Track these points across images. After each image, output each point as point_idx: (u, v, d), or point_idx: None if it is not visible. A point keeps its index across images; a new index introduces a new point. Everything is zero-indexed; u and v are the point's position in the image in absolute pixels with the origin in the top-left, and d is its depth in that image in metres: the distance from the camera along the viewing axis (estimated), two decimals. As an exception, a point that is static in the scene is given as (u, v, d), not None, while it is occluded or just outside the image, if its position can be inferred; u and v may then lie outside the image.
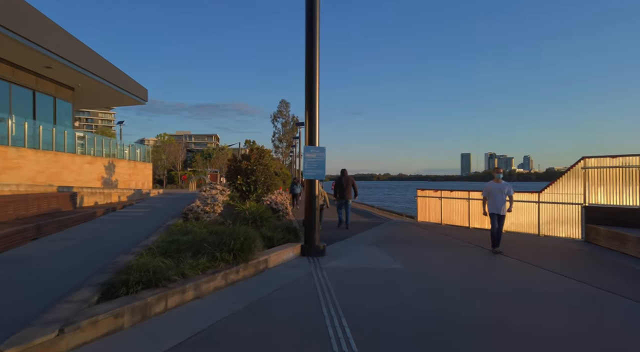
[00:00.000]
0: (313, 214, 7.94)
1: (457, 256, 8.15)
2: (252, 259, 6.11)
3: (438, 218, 14.24)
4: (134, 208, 13.62)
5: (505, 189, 8.88)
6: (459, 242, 9.87)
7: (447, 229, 12.62)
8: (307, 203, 8.02)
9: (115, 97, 26.59)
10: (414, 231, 12.34)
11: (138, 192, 19.09)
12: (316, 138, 7.98)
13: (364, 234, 11.25)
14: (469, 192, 13.25)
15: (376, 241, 9.94)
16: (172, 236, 7.34)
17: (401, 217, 17.41)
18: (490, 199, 8.91)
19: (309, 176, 7.93)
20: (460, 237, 10.80)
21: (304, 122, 29.13)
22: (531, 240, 10.40)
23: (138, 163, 28.34)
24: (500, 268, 7.02)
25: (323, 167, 8.00)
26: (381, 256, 7.94)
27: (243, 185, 11.67)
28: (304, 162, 7.93)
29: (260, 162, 12.18)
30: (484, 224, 12.63)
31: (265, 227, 9.98)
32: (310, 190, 7.98)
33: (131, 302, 3.91)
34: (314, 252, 7.82)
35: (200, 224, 9.00)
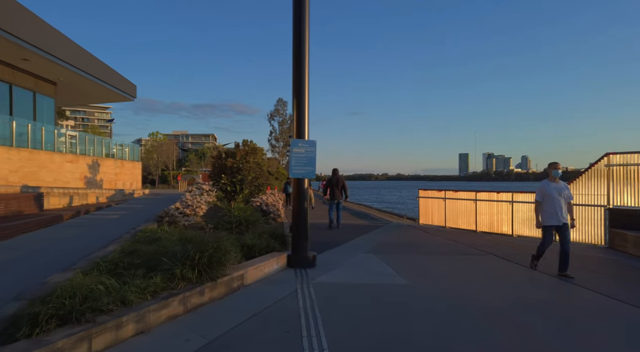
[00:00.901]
0: (302, 219, 6.80)
1: (470, 266, 7.02)
2: (224, 275, 4.97)
3: (442, 221, 13.13)
4: (109, 210, 12.46)
5: (565, 191, 6.66)
6: (468, 249, 8.75)
7: (453, 233, 11.50)
8: (294, 206, 6.88)
9: (101, 92, 25.39)
10: (417, 235, 11.22)
11: (120, 192, 17.92)
12: (305, 130, 6.85)
13: (361, 239, 10.12)
14: (476, 192, 12.14)
15: (375, 248, 8.82)
16: (134, 245, 6.20)
17: (401, 220, 16.29)
18: (547, 204, 6.65)
19: (297, 173, 6.79)
20: (469, 242, 9.67)
21: None
22: (548, 246, 9.29)
23: (126, 162, 27.15)
24: (521, 283, 5.90)
25: (313, 164, 6.87)
26: (381, 267, 6.81)
27: (228, 184, 10.54)
28: (290, 158, 6.79)
29: (247, 159, 11.04)
30: (492, 227, 11.53)
31: (250, 233, 8.84)
32: (299, 190, 6.84)
33: (30, 350, 2.76)
34: (303, 263, 6.69)
35: (174, 230, 7.85)
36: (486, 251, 8.55)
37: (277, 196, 21.09)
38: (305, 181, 6.87)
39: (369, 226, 13.40)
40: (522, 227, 10.79)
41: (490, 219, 11.61)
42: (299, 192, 6.84)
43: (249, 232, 8.90)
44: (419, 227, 13.06)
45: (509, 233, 11.08)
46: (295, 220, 6.84)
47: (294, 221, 6.86)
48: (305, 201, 6.86)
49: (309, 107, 6.88)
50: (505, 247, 8.98)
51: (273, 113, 66.17)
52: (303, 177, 6.83)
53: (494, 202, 11.51)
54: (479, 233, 11.68)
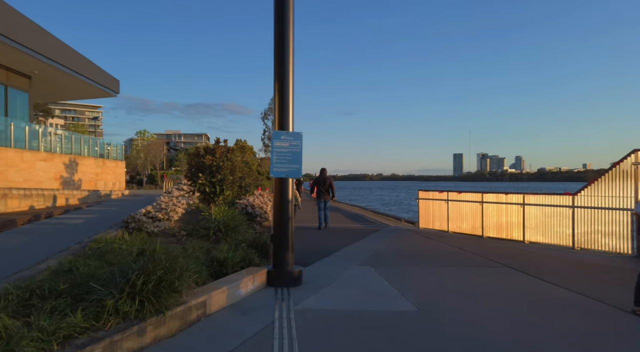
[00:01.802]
0: (284, 228, 5.64)
1: (488, 284, 5.90)
2: (177, 304, 3.79)
3: (444, 224, 12.02)
4: (76, 214, 11.20)
5: None
6: (479, 260, 7.63)
7: (457, 239, 10.40)
8: (275, 212, 5.71)
9: (81, 87, 24.03)
10: (418, 241, 10.10)
11: (95, 193, 16.63)
12: (289, 120, 5.68)
13: (356, 247, 8.97)
14: (482, 193, 11.05)
15: (372, 258, 7.68)
16: (77, 260, 5.00)
17: (399, 223, 15.18)
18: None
19: (279, 172, 5.63)
20: (477, 250, 8.56)
21: None
22: (565, 255, 8.21)
23: (108, 161, 25.79)
24: (554, 305, 4.78)
25: (298, 161, 5.71)
26: (381, 285, 5.67)
27: (206, 185, 9.35)
28: (272, 153, 5.63)
29: (228, 157, 9.85)
30: (500, 232, 10.44)
31: (228, 241, 7.67)
32: (281, 193, 5.67)
33: None
34: (286, 280, 5.53)
35: (135, 239, 6.65)
36: (499, 261, 7.43)
37: (265, 197, 19.89)
38: (289, 181, 5.71)
39: (365, 230, 12.27)
40: (535, 232, 9.70)
41: (498, 223, 10.52)
42: (281, 194, 5.67)
43: (228, 240, 7.74)
44: (419, 231, 11.95)
45: (519, 239, 10.00)
46: (277, 228, 5.68)
47: (275, 230, 5.69)
48: (289, 204, 5.69)
49: (293, 92, 5.73)
50: (520, 257, 7.88)
51: (267, 112, 64.68)
52: (287, 176, 5.66)
53: (502, 205, 10.42)
54: (485, 239, 10.59)
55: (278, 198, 5.69)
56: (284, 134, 5.65)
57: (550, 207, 9.37)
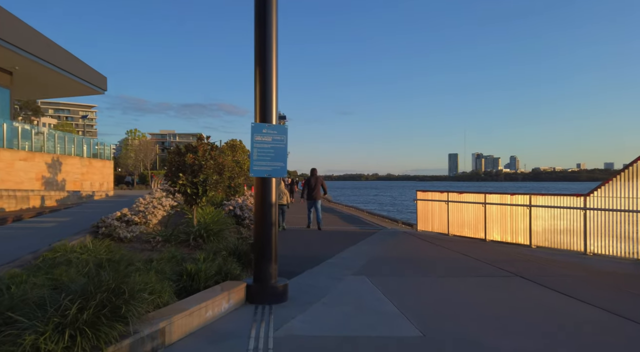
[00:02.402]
0: (267, 235, 4.88)
1: (501, 298, 5.18)
2: (123, 336, 3.03)
3: (444, 227, 11.32)
4: (49, 217, 10.39)
5: None
6: (485, 268, 6.91)
7: (459, 243, 9.69)
8: (256, 217, 4.95)
9: (66, 84, 23.13)
10: (417, 245, 9.38)
11: (76, 194, 15.78)
12: (272, 111, 4.93)
13: (351, 252, 8.24)
14: (485, 194, 10.35)
15: (368, 266, 6.94)
16: (22, 275, 4.23)
17: (396, 225, 14.47)
18: None
19: (260, 171, 4.87)
20: (482, 256, 7.85)
21: (281, 115, 25.41)
22: (579, 262, 7.52)
23: (95, 160, 24.88)
24: (588, 331, 4.06)
25: (283, 158, 4.96)
26: (378, 301, 4.93)
27: (187, 186, 8.56)
28: (252, 149, 4.87)
29: (212, 155, 9.07)
30: (505, 236, 9.75)
31: (209, 247, 6.90)
32: (263, 195, 4.91)
33: None
34: (268, 296, 4.77)
35: (100, 247, 5.86)
36: (509, 270, 6.72)
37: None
38: (272, 182, 4.95)
39: (360, 232, 11.54)
40: (543, 236, 9.01)
41: (502, 226, 9.83)
42: (263, 197, 4.91)
43: (208, 247, 6.97)
44: (418, 234, 11.23)
45: (525, 243, 9.31)
46: (258, 236, 4.92)
47: (257, 238, 4.93)
48: (273, 208, 4.93)
49: (277, 79, 4.97)
50: (531, 265, 7.17)
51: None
52: (269, 175, 4.90)
53: (507, 206, 9.72)
54: (489, 243, 9.89)
55: (260, 201, 4.93)
56: (266, 127, 4.90)
57: (560, 209, 8.68)
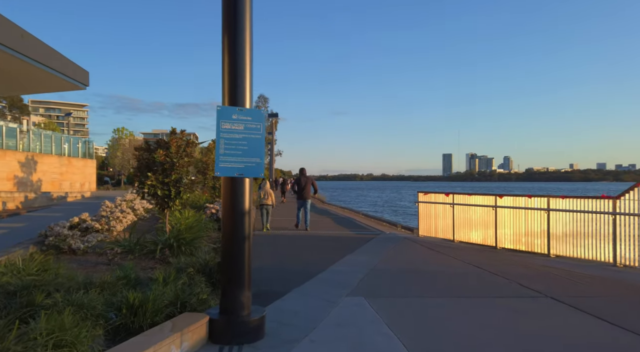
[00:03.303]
0: (238, 253, 3.74)
1: (536, 331, 4.09)
2: None
3: (448, 233, 10.25)
4: (3, 222, 9.15)
5: None
6: (508, 285, 5.81)
7: (467, 251, 8.62)
8: (225, 230, 3.80)
9: (43, 79, 21.71)
10: (421, 255, 8.30)
11: (45, 196, 14.52)
12: (245, 90, 3.80)
13: (346, 264, 7.13)
14: (496, 196, 9.28)
15: (366, 282, 5.83)
16: None
17: (395, 229, 13.38)
18: None
19: (229, 169, 3.73)
20: (499, 269, 6.77)
21: (273, 113, 24.04)
22: (614, 276, 6.44)
23: (75, 159, 23.55)
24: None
25: (259, 152, 3.82)
26: (382, 335, 3.82)
27: (157, 187, 7.41)
28: (217, 141, 3.73)
29: (188, 152, 7.92)
30: (519, 243, 8.69)
31: (177, 260, 5.75)
32: (232, 201, 3.77)
33: None
34: (237, 333, 3.63)
35: (36, 262, 4.70)
36: (534, 287, 5.63)
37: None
38: (245, 184, 3.81)
39: (357, 238, 10.44)
40: (563, 244, 7.96)
41: (516, 232, 8.77)
42: (233, 203, 3.77)
43: (176, 260, 5.82)
44: (420, 241, 10.15)
45: (542, 252, 8.25)
46: (227, 255, 3.77)
47: (225, 257, 3.78)
48: (246, 219, 3.79)
49: (252, 51, 3.84)
50: (557, 281, 6.10)
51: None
52: (241, 175, 3.77)
53: (521, 210, 8.66)
54: (501, 251, 8.83)
55: (228, 209, 3.78)
56: (237, 112, 3.76)
57: (583, 214, 7.62)
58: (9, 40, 16.66)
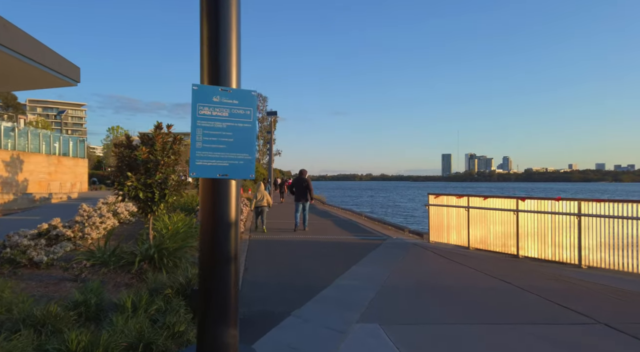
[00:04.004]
0: (220, 278, 2.83)
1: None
2: None
3: (463, 239, 9.36)
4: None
5: None
6: (546, 307, 4.91)
7: (487, 261, 7.72)
8: (203, 247, 2.90)
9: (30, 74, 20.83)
10: (436, 265, 7.40)
11: (26, 197, 13.59)
12: (231, 65, 2.89)
13: (353, 277, 6.23)
14: (517, 199, 8.39)
15: (379, 302, 4.94)
16: None
17: (402, 233, 12.48)
18: None
19: (208, 168, 2.82)
20: (529, 284, 5.86)
21: (271, 111, 23.04)
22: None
23: (65, 159, 22.60)
24: None
25: (249, 146, 2.91)
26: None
27: (139, 188, 6.50)
28: (193, 131, 2.83)
29: (175, 150, 7.01)
30: (544, 251, 7.81)
31: (150, 279, 4.84)
32: (213, 210, 2.86)
33: None
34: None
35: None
36: (577, 309, 4.74)
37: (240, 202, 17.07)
38: (231, 188, 2.90)
39: (361, 245, 9.54)
40: (597, 254, 7.07)
41: (541, 239, 7.88)
42: (215, 213, 2.86)
43: (153, 277, 4.91)
44: (431, 248, 9.26)
45: (572, 262, 7.37)
46: (206, 280, 2.86)
47: (203, 283, 2.88)
48: (232, 232, 2.88)
49: (239, 8, 2.94)
50: (602, 301, 5.20)
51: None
52: (226, 176, 2.86)
53: (547, 215, 7.78)
54: (524, 261, 7.94)
55: (208, 221, 2.87)
56: (220, 93, 2.86)
57: (623, 220, 6.73)
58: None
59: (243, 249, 8.73)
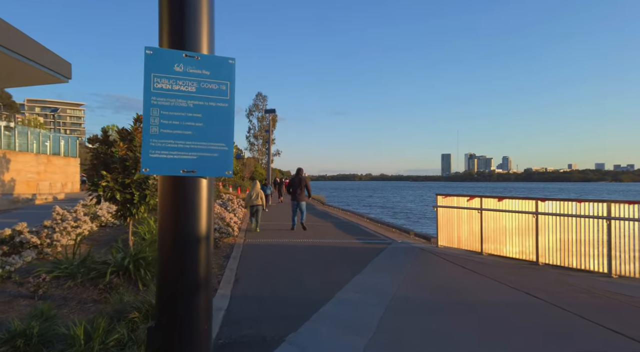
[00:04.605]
0: (188, 308, 2.08)
1: None
2: None
3: (475, 243, 8.61)
4: None
5: None
6: (593, 330, 4.15)
7: (505, 269, 6.96)
8: (162, 269, 2.16)
9: (18, 70, 20.07)
10: (449, 274, 6.65)
11: (5, 198, 12.82)
12: (201, 22, 2.14)
13: (356, 290, 5.47)
14: (537, 201, 7.64)
15: (388, 324, 4.18)
16: None
17: (407, 236, 11.72)
18: None
19: (165, 163, 2.09)
20: (556, 296, 5.11)
21: (269, 109, 21.61)
22: None
23: (55, 158, 21.82)
24: None
25: (224, 133, 2.16)
26: None
27: (115, 189, 5.75)
28: (145, 109, 2.09)
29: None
30: (568, 258, 7.05)
31: (114, 300, 4.10)
32: (176, 218, 2.12)
33: None
34: None
35: None
36: (628, 333, 3.99)
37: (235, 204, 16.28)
38: (200, 188, 2.15)
39: (365, 249, 8.80)
40: (629, 262, 6.33)
41: (564, 245, 7.13)
42: (177, 222, 2.11)
43: (117, 298, 4.16)
44: (440, 253, 8.50)
45: (601, 271, 6.62)
46: (166, 313, 2.11)
47: (161, 317, 2.12)
48: (202, 250, 2.13)
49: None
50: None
51: (252, 108, 60.90)
52: (190, 173, 2.10)
53: (571, 218, 7.03)
54: (544, 268, 7.19)
55: (170, 235, 2.12)
56: (184, 61, 2.10)
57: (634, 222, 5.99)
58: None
59: (236, 255, 7.98)
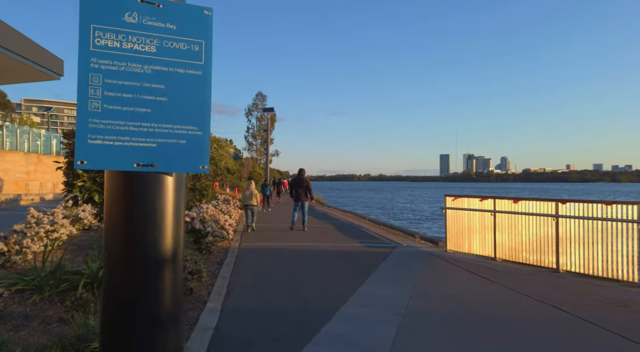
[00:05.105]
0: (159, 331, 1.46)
1: None
2: None
3: (488, 248, 8.01)
4: None
5: None
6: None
7: (524, 278, 6.35)
8: (106, 298, 1.56)
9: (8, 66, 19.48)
10: (464, 282, 6.04)
11: (-13, 199, 12.15)
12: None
13: (361, 303, 4.85)
14: (557, 202, 7.03)
15: (403, 346, 3.56)
16: None
17: (412, 240, 11.10)
18: None
19: (110, 152, 1.48)
20: (587, 310, 4.50)
21: (270, 108, 20.78)
22: None
23: (45, 157, 21.13)
24: None
25: (198, 112, 1.54)
26: None
27: (93, 190, 5.13)
28: (81, 77, 1.48)
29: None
30: (592, 266, 6.44)
31: (69, 331, 3.48)
32: (130, 229, 1.51)
33: None
34: None
35: None
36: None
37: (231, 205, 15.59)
38: (163, 188, 1.53)
39: (369, 254, 8.19)
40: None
41: (588, 251, 6.52)
42: (126, 240, 1.50)
43: (82, 319, 3.54)
44: (450, 258, 7.90)
45: (631, 280, 6.01)
46: (112, 332, 1.50)
47: (106, 340, 1.51)
48: (163, 277, 1.51)
49: None
50: None
51: (251, 108, 60.04)
52: (147, 167, 1.49)
53: (596, 221, 6.42)
54: (566, 276, 6.58)
55: (119, 255, 1.51)
56: (139, 8, 1.48)
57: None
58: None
59: (230, 261, 7.36)
